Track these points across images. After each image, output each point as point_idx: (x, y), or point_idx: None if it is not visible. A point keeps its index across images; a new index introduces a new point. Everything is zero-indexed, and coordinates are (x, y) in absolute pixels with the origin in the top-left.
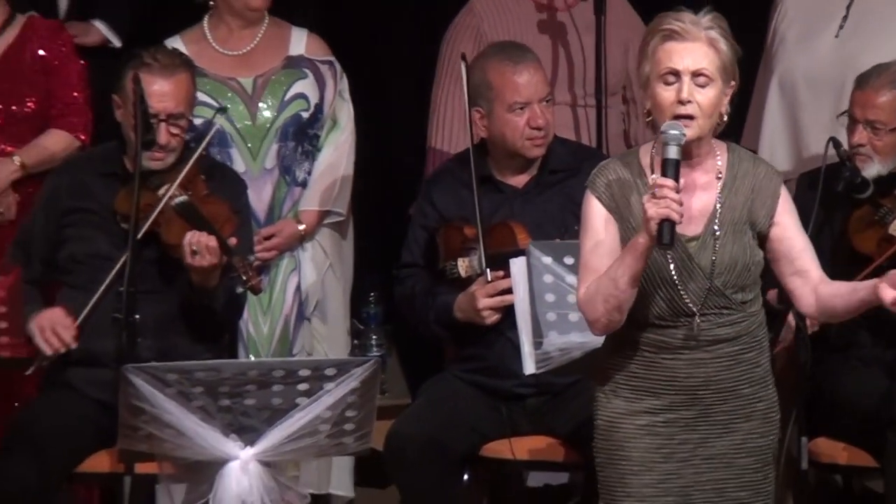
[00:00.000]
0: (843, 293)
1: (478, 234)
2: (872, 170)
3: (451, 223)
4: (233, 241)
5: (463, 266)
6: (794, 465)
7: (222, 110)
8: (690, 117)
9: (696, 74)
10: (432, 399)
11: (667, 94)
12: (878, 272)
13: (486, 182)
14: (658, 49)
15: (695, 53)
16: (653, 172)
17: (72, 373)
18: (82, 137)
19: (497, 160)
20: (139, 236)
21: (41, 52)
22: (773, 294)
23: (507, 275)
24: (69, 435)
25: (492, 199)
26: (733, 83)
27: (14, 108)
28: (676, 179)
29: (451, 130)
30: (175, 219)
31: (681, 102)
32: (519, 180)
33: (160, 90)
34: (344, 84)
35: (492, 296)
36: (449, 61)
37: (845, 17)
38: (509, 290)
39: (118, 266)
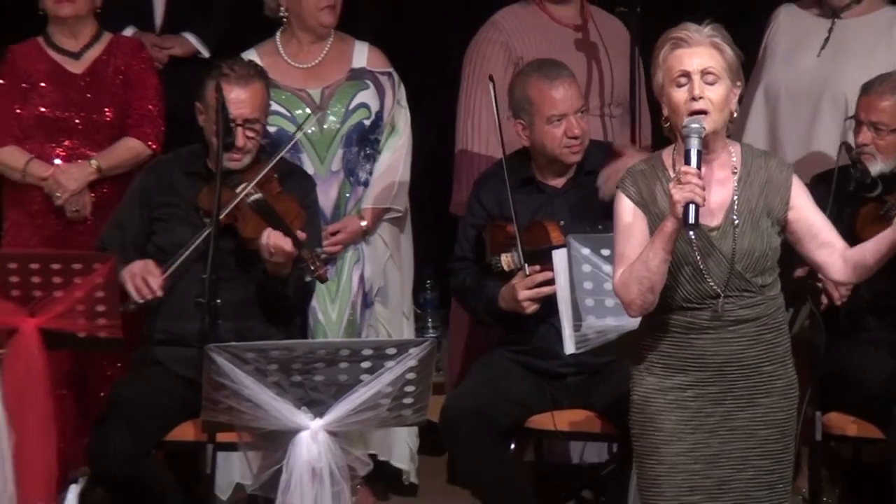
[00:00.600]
0: (870, 246)
1: (516, 233)
2: (876, 167)
3: (496, 221)
4: (302, 235)
5: (505, 261)
6: (808, 437)
7: (307, 119)
8: (704, 112)
9: (704, 73)
10: (482, 376)
11: (680, 94)
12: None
13: (529, 183)
14: (668, 57)
15: (701, 55)
16: (674, 169)
17: (160, 352)
18: (153, 146)
19: (539, 164)
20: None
21: (122, 68)
22: (801, 271)
23: (545, 269)
24: (158, 407)
25: (535, 199)
26: (739, 83)
27: (95, 116)
28: (699, 167)
29: (480, 135)
30: (251, 215)
31: (693, 99)
32: (558, 181)
33: (237, 98)
34: (401, 93)
35: (530, 288)
36: (475, 71)
37: (827, 40)
38: (546, 283)
39: (201, 237)
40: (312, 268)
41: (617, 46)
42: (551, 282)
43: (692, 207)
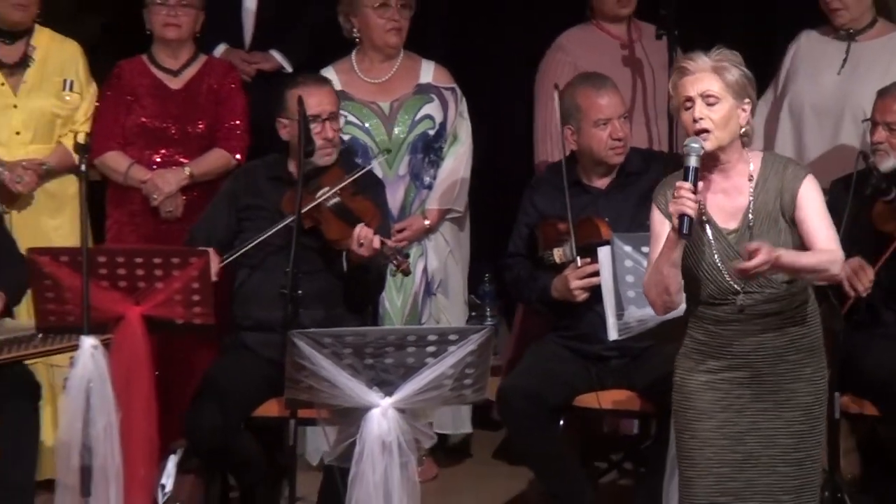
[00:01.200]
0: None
1: (569, 229)
2: (889, 163)
3: (548, 220)
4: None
5: (557, 255)
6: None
7: (386, 152)
8: (706, 130)
9: (705, 97)
10: (534, 360)
11: (687, 116)
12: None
13: (576, 185)
14: (676, 84)
15: (702, 80)
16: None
17: (248, 337)
18: (238, 157)
19: (585, 167)
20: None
21: (214, 86)
22: None
23: (594, 261)
24: (246, 386)
25: (581, 199)
26: (747, 100)
27: (189, 128)
28: (695, 183)
29: (549, 146)
30: (333, 218)
31: (695, 121)
32: (602, 183)
33: (318, 97)
34: (463, 106)
35: (581, 278)
36: (546, 90)
37: (845, 60)
38: (595, 274)
39: (268, 233)
40: (395, 262)
41: (660, 61)
42: (599, 273)
43: (685, 219)
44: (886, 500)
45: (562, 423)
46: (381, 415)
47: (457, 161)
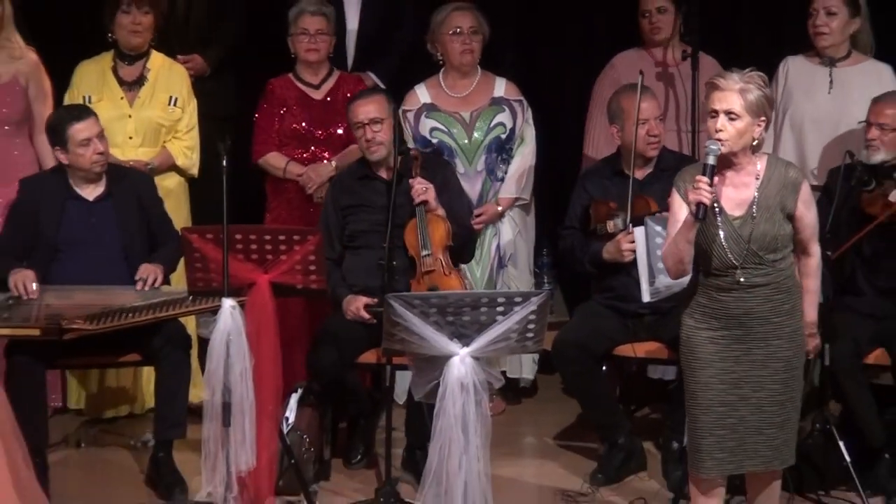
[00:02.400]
0: (805, 296)
1: (620, 206)
2: (879, 156)
3: (598, 200)
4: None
5: (609, 226)
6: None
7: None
8: (721, 140)
9: (728, 113)
10: (582, 317)
11: (711, 123)
12: (880, 226)
13: (619, 174)
14: (708, 96)
15: (728, 99)
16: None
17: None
18: None
19: (626, 160)
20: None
21: (348, 95)
22: None
23: None
24: (354, 336)
25: (624, 186)
26: (763, 118)
27: (331, 130)
28: (711, 178)
29: (595, 143)
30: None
31: (717, 130)
32: (640, 174)
33: (364, 107)
34: (529, 114)
35: (631, 242)
36: (597, 100)
37: (831, 82)
38: None
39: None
40: None
41: (687, 78)
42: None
43: (700, 207)
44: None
45: (604, 368)
46: (460, 362)
47: (523, 159)
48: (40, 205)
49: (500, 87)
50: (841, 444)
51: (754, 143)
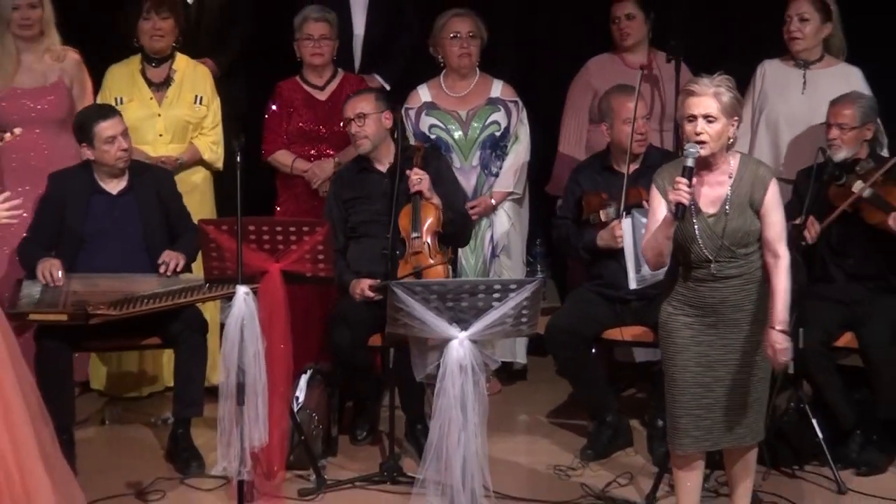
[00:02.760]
0: (774, 298)
1: (618, 194)
2: (842, 154)
3: (590, 192)
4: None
5: (603, 214)
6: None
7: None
8: (704, 142)
9: (705, 116)
10: (573, 303)
11: (690, 127)
12: (845, 215)
13: (608, 169)
14: (683, 102)
15: (704, 103)
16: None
17: None
18: None
19: (615, 156)
20: None
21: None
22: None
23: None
24: (362, 318)
25: (613, 180)
26: (736, 118)
27: (335, 128)
28: (690, 179)
29: (568, 141)
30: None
31: (697, 133)
32: (629, 169)
33: (352, 104)
34: (523, 114)
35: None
36: (571, 101)
37: (805, 84)
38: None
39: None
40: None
41: (668, 76)
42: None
43: (679, 206)
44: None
45: (594, 350)
46: (459, 345)
47: (517, 156)
48: (67, 198)
49: (497, 88)
50: (814, 421)
51: (730, 142)
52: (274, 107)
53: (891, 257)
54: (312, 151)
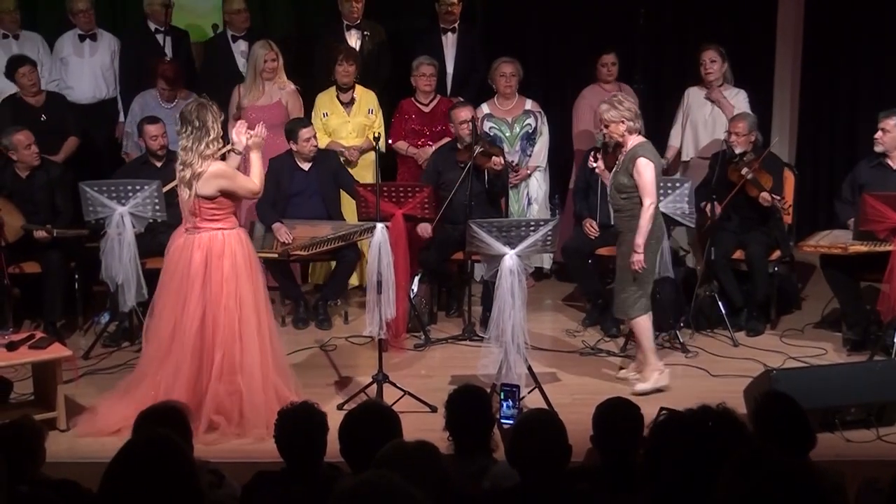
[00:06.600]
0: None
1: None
2: (739, 149)
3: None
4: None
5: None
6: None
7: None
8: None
9: (606, 120)
10: (577, 233)
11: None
12: (738, 192)
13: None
14: (601, 113)
15: (604, 113)
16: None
17: (449, 223)
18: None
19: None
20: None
21: (444, 110)
22: (766, 197)
23: None
24: (445, 242)
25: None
26: (623, 120)
27: (433, 129)
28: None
29: (578, 140)
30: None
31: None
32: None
33: (461, 112)
34: (544, 118)
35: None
36: (576, 115)
37: (712, 102)
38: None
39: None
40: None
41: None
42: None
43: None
44: None
45: (590, 261)
46: (510, 257)
47: (541, 144)
48: (280, 174)
49: (529, 103)
50: (720, 303)
51: (620, 136)
52: (397, 114)
53: (761, 211)
54: (419, 142)
